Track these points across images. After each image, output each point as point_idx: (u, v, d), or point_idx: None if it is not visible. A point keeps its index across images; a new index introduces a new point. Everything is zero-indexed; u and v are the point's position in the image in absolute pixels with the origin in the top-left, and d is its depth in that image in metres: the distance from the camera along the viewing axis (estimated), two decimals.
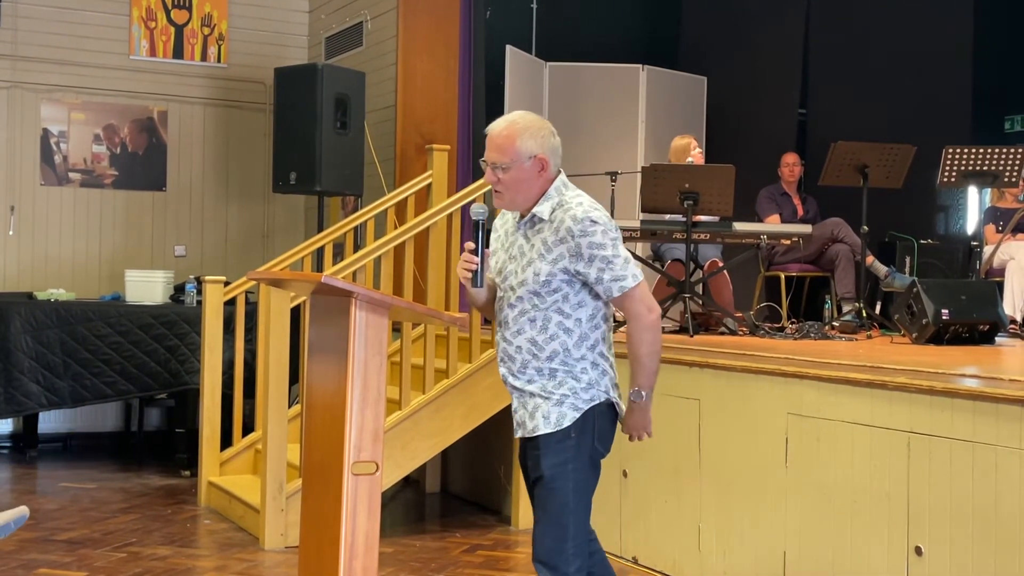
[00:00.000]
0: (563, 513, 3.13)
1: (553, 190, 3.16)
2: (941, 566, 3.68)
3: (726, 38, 9.37)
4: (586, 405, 3.14)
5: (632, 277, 3.09)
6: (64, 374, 6.99)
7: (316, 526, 3.20)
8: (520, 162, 3.12)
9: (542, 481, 3.14)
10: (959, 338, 5.68)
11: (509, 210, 3.24)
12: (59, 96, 8.33)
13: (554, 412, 3.12)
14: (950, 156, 6.70)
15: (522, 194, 3.15)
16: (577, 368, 3.15)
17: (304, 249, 6.54)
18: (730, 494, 4.55)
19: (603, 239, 3.06)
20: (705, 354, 4.86)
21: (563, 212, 3.11)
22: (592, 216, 3.08)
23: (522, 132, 3.14)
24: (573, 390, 3.13)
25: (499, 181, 3.14)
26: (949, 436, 3.67)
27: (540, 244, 3.12)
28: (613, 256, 3.07)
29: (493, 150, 3.14)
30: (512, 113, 3.23)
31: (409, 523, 6.09)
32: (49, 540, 5.36)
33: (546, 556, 3.14)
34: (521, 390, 3.17)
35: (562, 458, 3.12)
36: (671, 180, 6.23)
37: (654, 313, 3.14)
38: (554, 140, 3.20)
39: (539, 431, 3.13)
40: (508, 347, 3.19)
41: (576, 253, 3.07)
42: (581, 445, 3.14)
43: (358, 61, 8.01)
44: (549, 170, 3.17)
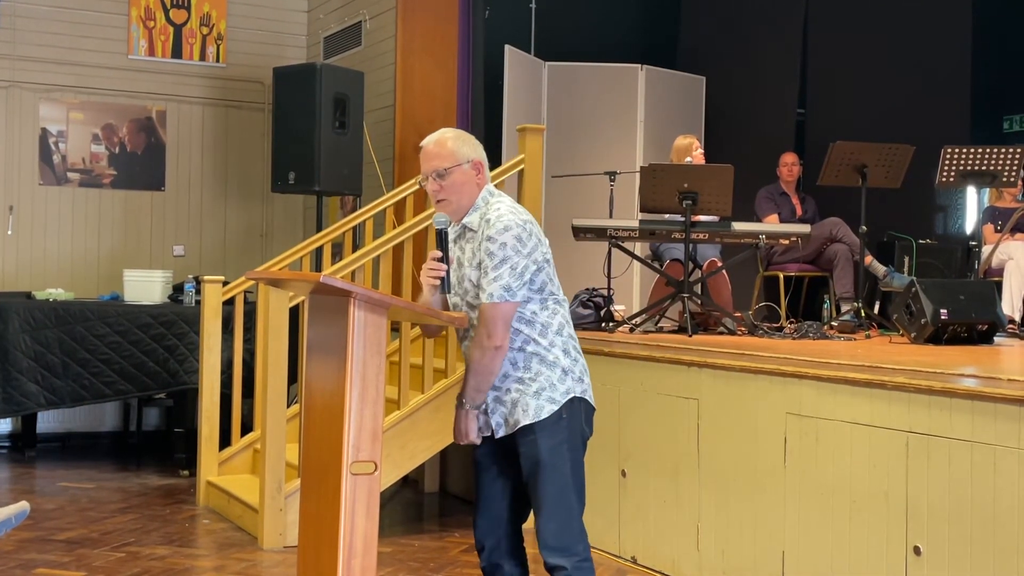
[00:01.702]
0: (565, 493, 3.18)
1: (480, 199, 3.25)
2: (940, 566, 3.68)
3: (725, 38, 9.37)
4: (563, 398, 3.20)
5: (494, 296, 3.12)
6: (63, 374, 6.99)
7: (315, 526, 3.20)
8: (459, 164, 3.21)
9: (540, 465, 3.17)
10: (957, 338, 5.68)
11: (455, 219, 3.29)
12: (58, 96, 8.33)
13: (532, 404, 3.17)
14: (949, 156, 6.71)
15: (466, 197, 3.23)
16: (551, 355, 3.20)
17: (303, 249, 6.54)
18: (729, 494, 4.56)
19: (497, 250, 3.12)
20: (704, 354, 4.86)
21: (484, 221, 3.19)
22: (506, 222, 3.14)
23: (455, 138, 3.26)
24: (549, 382, 3.19)
25: (441, 188, 3.22)
26: (948, 436, 3.67)
27: (470, 252, 3.22)
28: (492, 267, 3.12)
29: (431, 159, 3.24)
30: (438, 130, 3.34)
31: (408, 523, 6.09)
32: (47, 540, 5.35)
33: (555, 540, 3.18)
34: (498, 387, 3.22)
35: (558, 439, 3.18)
36: (670, 180, 6.22)
37: (493, 341, 3.13)
38: (482, 150, 3.29)
39: (521, 423, 3.18)
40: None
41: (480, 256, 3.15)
42: (572, 427, 3.20)
43: (357, 61, 8.01)
44: (484, 176, 3.26)
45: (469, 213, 3.24)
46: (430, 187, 3.24)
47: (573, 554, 3.17)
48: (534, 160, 5.98)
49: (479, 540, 3.35)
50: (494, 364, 3.16)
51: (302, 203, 8.91)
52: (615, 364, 5.17)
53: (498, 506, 3.31)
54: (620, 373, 5.13)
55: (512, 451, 3.25)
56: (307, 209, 8.79)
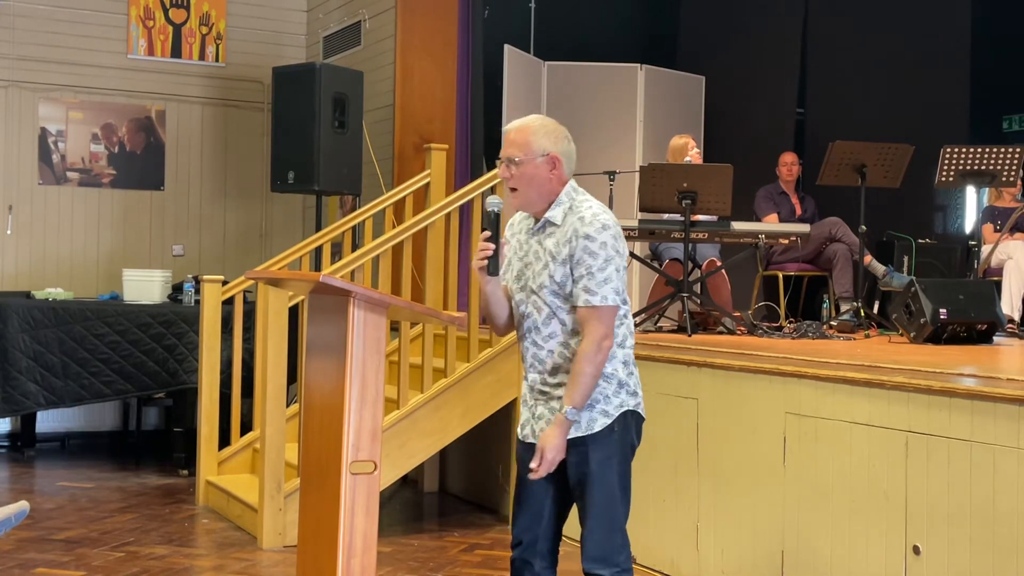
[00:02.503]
0: (612, 505, 3.17)
1: (564, 195, 3.18)
2: (939, 565, 3.68)
3: (724, 38, 9.38)
4: (616, 411, 3.15)
5: (603, 298, 3.06)
6: (62, 373, 6.98)
7: (314, 525, 3.20)
8: (533, 157, 3.15)
9: (589, 477, 3.15)
10: (957, 337, 5.68)
11: (523, 210, 3.25)
12: (57, 95, 8.33)
13: (584, 416, 3.12)
14: (948, 156, 6.71)
15: (535, 191, 3.16)
16: (608, 368, 3.14)
17: (302, 248, 6.54)
18: (728, 493, 4.56)
19: (599, 250, 3.07)
20: (703, 353, 4.86)
21: (574, 216, 3.13)
22: (603, 220, 3.10)
23: (537, 130, 3.21)
24: (603, 394, 3.14)
25: (512, 176, 3.17)
26: (947, 435, 3.67)
27: (552, 247, 3.14)
28: (599, 269, 3.06)
29: (508, 145, 3.20)
30: (530, 115, 3.30)
31: (407, 522, 6.09)
32: (47, 539, 5.35)
33: (597, 549, 3.18)
34: (551, 395, 3.17)
35: (608, 453, 3.15)
36: (669, 179, 6.23)
37: (609, 342, 3.09)
38: (569, 145, 3.24)
39: (571, 435, 3.12)
40: (539, 352, 3.19)
41: (572, 254, 3.08)
42: (623, 440, 3.18)
43: (356, 60, 8.01)
44: (561, 171, 3.18)
45: (552, 208, 3.17)
46: (502, 172, 3.21)
47: (613, 564, 3.17)
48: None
49: (516, 535, 3.34)
50: (602, 367, 3.10)
51: (301, 203, 8.91)
52: None
53: (539, 505, 3.28)
54: None
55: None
56: (306, 209, 8.79)
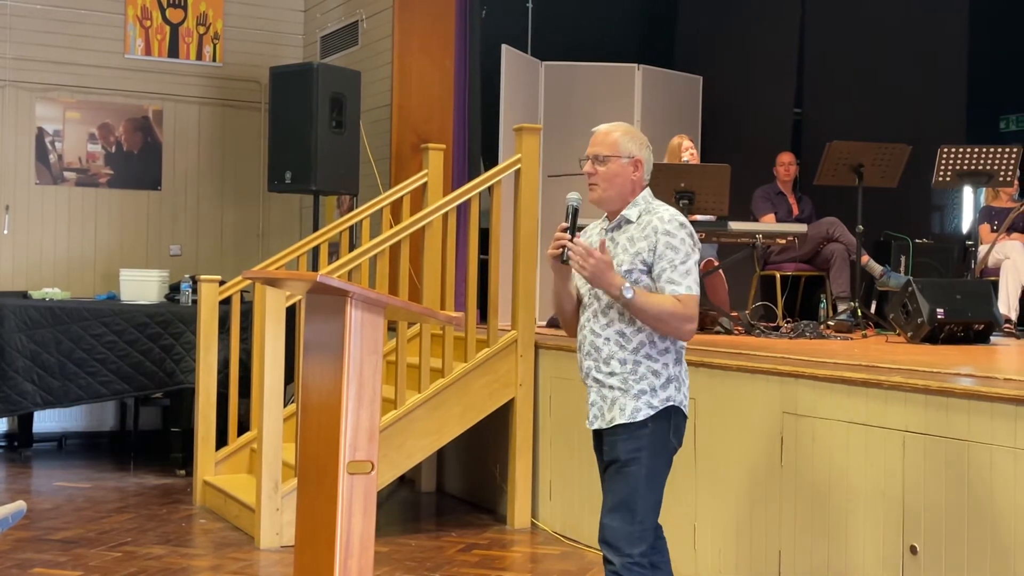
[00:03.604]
0: (633, 498, 3.25)
1: (641, 198, 3.38)
2: (936, 565, 3.69)
3: (721, 37, 9.38)
4: (661, 405, 3.27)
5: (686, 287, 3.22)
6: (59, 373, 6.98)
7: (311, 525, 3.20)
8: (619, 158, 3.35)
9: (616, 465, 3.27)
10: (954, 337, 5.68)
11: (599, 206, 3.40)
12: (54, 95, 8.33)
13: (630, 405, 3.26)
14: (945, 156, 6.71)
15: (615, 190, 3.35)
16: (659, 363, 3.28)
17: (299, 248, 6.54)
18: (725, 493, 4.56)
19: (680, 245, 3.25)
20: (701, 353, 4.86)
21: (651, 215, 3.32)
22: (680, 220, 3.30)
23: (625, 133, 3.42)
24: (652, 387, 3.27)
25: (596, 173, 3.35)
26: (944, 435, 3.67)
27: (625, 241, 3.32)
28: (680, 262, 3.23)
29: (595, 144, 3.39)
30: (617, 121, 3.51)
31: (405, 522, 6.09)
32: (44, 539, 5.35)
33: (612, 537, 3.26)
34: (602, 383, 3.31)
35: (638, 444, 3.25)
36: (667, 179, 6.23)
37: (691, 324, 3.24)
38: (649, 153, 3.45)
39: (615, 422, 3.27)
40: (596, 339, 3.32)
41: (653, 248, 3.25)
42: (657, 435, 3.27)
43: (353, 60, 8.01)
44: (642, 175, 3.39)
45: (629, 207, 3.35)
46: (586, 168, 3.37)
47: (626, 555, 3.25)
48: (531, 160, 5.97)
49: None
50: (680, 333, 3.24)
51: (299, 202, 8.90)
52: None
53: None
54: None
55: None
56: (304, 208, 8.78)
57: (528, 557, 5.31)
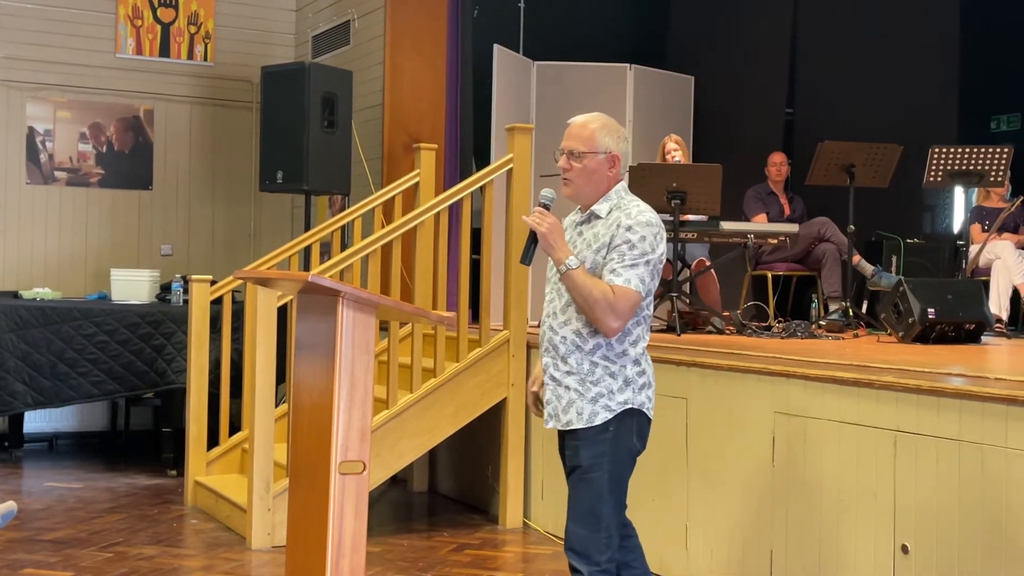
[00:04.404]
0: (598, 504, 3.21)
1: (614, 193, 3.29)
2: (927, 564, 3.69)
3: (713, 37, 9.38)
4: (619, 408, 3.22)
5: (627, 281, 3.14)
6: (50, 374, 6.95)
7: (303, 526, 3.20)
8: (595, 153, 3.24)
9: (579, 471, 3.23)
10: (945, 337, 5.70)
11: (575, 201, 3.33)
12: (45, 94, 8.30)
13: (587, 409, 3.20)
14: (936, 156, 6.73)
15: (590, 186, 3.26)
16: (616, 365, 3.22)
17: (291, 248, 6.53)
18: (717, 493, 4.56)
19: (638, 242, 3.16)
20: (692, 353, 4.86)
21: (620, 212, 3.23)
22: (647, 218, 3.21)
23: (602, 128, 3.28)
24: (609, 389, 3.21)
25: (571, 168, 3.26)
26: (935, 435, 3.68)
27: (591, 237, 3.25)
28: (631, 258, 3.15)
29: (571, 138, 3.27)
30: (593, 112, 3.37)
31: (396, 522, 6.08)
32: (35, 540, 5.33)
33: (579, 545, 3.22)
34: (559, 382, 3.25)
35: (600, 450, 3.21)
36: (658, 179, 6.23)
37: (618, 322, 3.15)
38: (627, 146, 3.34)
39: (572, 425, 3.23)
40: (554, 336, 3.27)
41: (611, 241, 3.18)
42: (619, 440, 3.23)
43: (345, 60, 8.00)
44: (618, 171, 3.29)
45: (600, 202, 3.27)
46: (561, 163, 3.29)
47: (594, 563, 3.21)
48: (522, 159, 5.97)
49: None
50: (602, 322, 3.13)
51: (290, 202, 8.89)
52: None
53: None
54: None
55: None
56: (295, 208, 8.77)
57: (520, 557, 5.31)
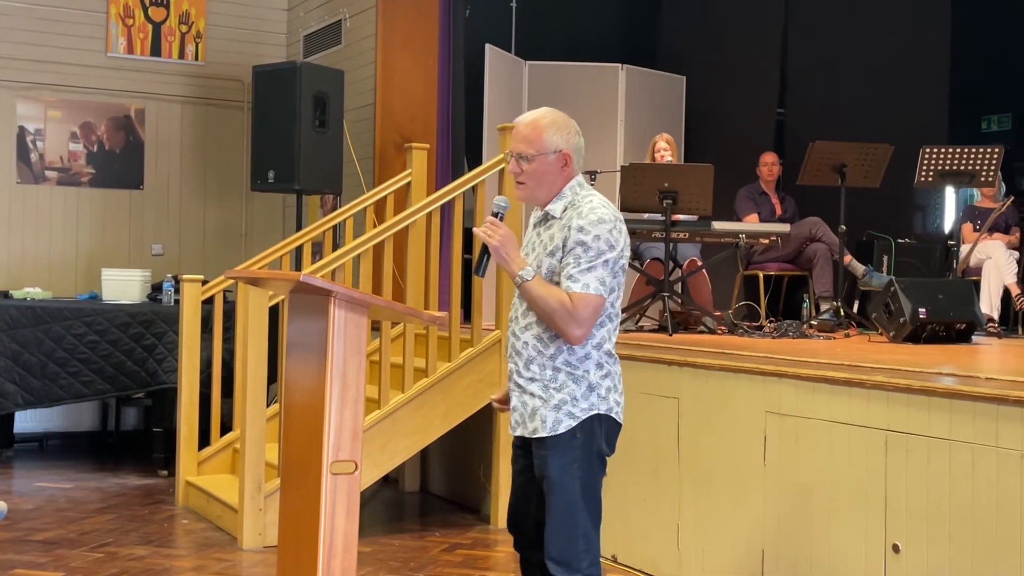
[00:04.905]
0: (573, 512, 3.16)
1: (567, 189, 3.20)
2: (918, 563, 3.70)
3: (705, 38, 9.39)
4: (584, 415, 3.15)
5: (585, 286, 3.06)
6: (40, 374, 6.94)
7: (294, 526, 3.19)
8: (545, 155, 3.15)
9: (549, 482, 3.16)
10: (936, 337, 5.71)
11: (529, 203, 3.28)
12: (35, 94, 8.28)
13: (550, 417, 3.14)
14: (927, 156, 6.74)
15: (544, 188, 3.19)
16: (579, 370, 3.15)
17: (283, 248, 6.52)
18: (709, 492, 4.56)
19: (592, 243, 3.08)
20: (684, 353, 4.87)
21: (573, 210, 3.15)
22: (601, 215, 3.11)
23: (549, 126, 3.17)
24: (572, 396, 3.14)
25: (522, 172, 3.17)
26: (926, 434, 3.69)
27: (548, 240, 3.17)
28: (587, 261, 3.07)
29: (519, 141, 3.18)
30: (540, 108, 3.26)
31: (388, 522, 6.08)
32: (25, 540, 5.32)
33: (558, 554, 3.17)
34: (523, 388, 3.19)
35: (569, 458, 3.15)
36: (650, 179, 6.24)
37: (581, 329, 3.08)
38: (579, 139, 3.23)
39: (538, 434, 3.16)
40: (516, 342, 3.22)
41: (564, 244, 3.10)
42: (588, 445, 3.17)
43: (337, 59, 7.99)
44: (571, 167, 3.20)
45: (554, 201, 3.19)
46: (511, 167, 3.20)
47: (575, 570, 3.16)
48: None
49: (510, 529, 3.39)
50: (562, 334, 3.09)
51: (282, 202, 8.88)
52: None
53: (525, 500, 3.31)
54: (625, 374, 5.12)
55: None
56: (287, 208, 8.76)
57: (511, 557, 5.28)
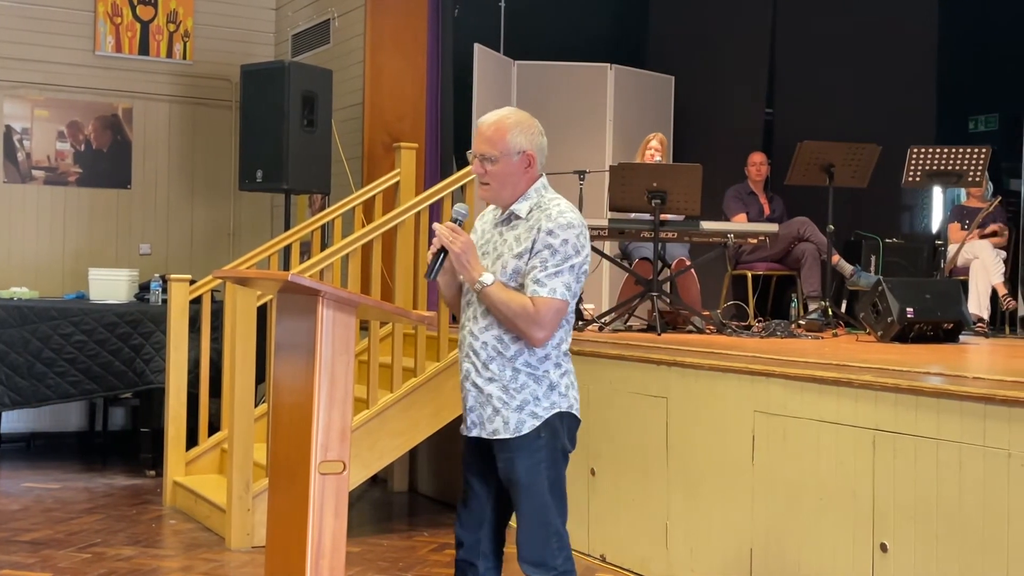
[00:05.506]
0: (544, 512, 3.15)
1: (533, 191, 3.19)
2: (906, 562, 3.71)
3: (693, 38, 9.41)
4: (546, 413, 3.15)
5: (552, 291, 3.06)
6: (27, 373, 6.91)
7: (283, 526, 3.19)
8: (509, 156, 3.13)
9: (517, 484, 3.15)
10: (923, 336, 5.72)
11: (493, 203, 3.25)
12: (22, 92, 8.25)
13: (513, 418, 3.13)
14: (915, 156, 6.76)
15: (508, 189, 3.17)
16: (539, 370, 3.14)
17: (271, 247, 6.50)
18: (697, 492, 4.57)
19: (560, 247, 3.07)
20: (673, 352, 4.87)
21: (540, 212, 3.14)
22: (569, 219, 3.10)
23: (513, 127, 3.15)
24: (534, 395, 3.13)
25: (486, 173, 3.15)
26: (914, 434, 3.70)
27: (513, 240, 3.15)
28: (553, 265, 3.07)
29: (483, 142, 3.15)
30: (503, 108, 3.25)
31: (376, 522, 6.08)
32: (12, 541, 5.30)
33: (533, 554, 3.16)
34: (481, 389, 3.16)
35: (535, 459, 3.14)
36: (639, 179, 6.24)
37: (543, 332, 3.08)
38: (542, 139, 3.22)
39: (499, 435, 3.14)
40: (475, 342, 3.18)
41: (532, 247, 3.09)
42: (552, 445, 3.16)
43: (325, 59, 7.98)
44: (535, 168, 3.19)
45: (519, 201, 3.17)
46: (475, 168, 3.18)
47: (551, 568, 3.15)
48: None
49: (458, 536, 3.31)
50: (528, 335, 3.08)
51: (270, 201, 8.86)
52: (584, 363, 5.17)
53: (480, 505, 3.27)
54: (589, 372, 5.13)
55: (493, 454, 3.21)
56: (275, 207, 8.74)
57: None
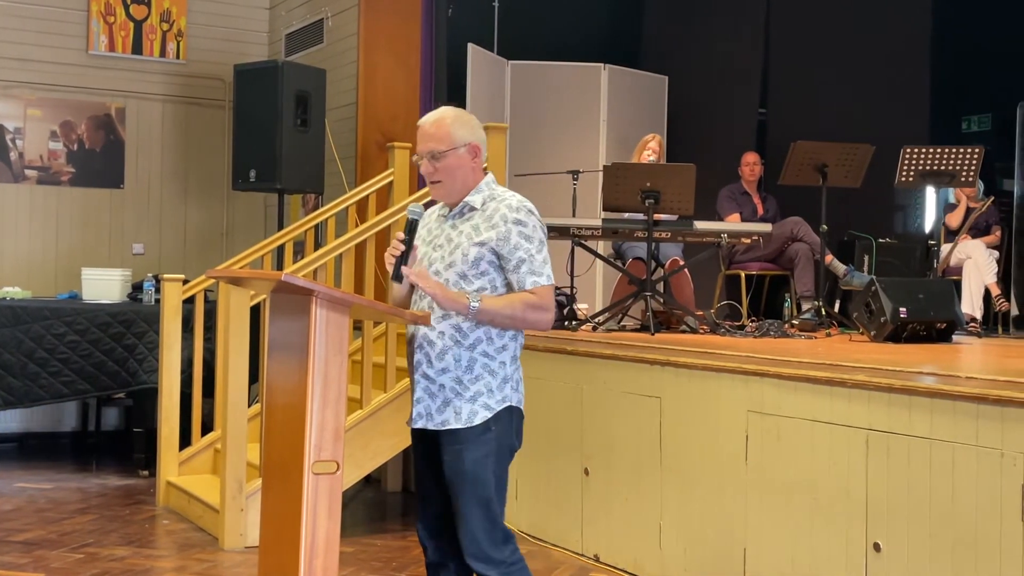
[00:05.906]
0: (489, 506, 3.17)
1: (484, 184, 3.25)
2: (899, 562, 3.71)
3: (687, 38, 9.42)
4: (498, 406, 3.17)
5: (547, 277, 3.16)
6: (20, 373, 6.90)
7: (276, 526, 3.18)
8: (455, 148, 3.18)
9: (463, 475, 3.14)
10: (917, 336, 5.73)
11: (446, 201, 3.27)
12: (15, 92, 8.23)
13: (465, 409, 3.14)
14: (908, 156, 6.77)
15: (459, 182, 3.21)
16: (496, 361, 3.18)
17: (264, 247, 6.50)
18: (691, 491, 4.57)
19: (533, 233, 3.15)
20: (666, 352, 4.87)
21: (497, 202, 3.20)
22: (529, 206, 3.20)
23: (454, 121, 3.22)
24: (488, 387, 3.16)
25: (436, 171, 3.20)
26: (907, 433, 3.70)
27: (470, 230, 3.19)
28: (537, 251, 3.15)
29: (428, 140, 3.20)
30: (439, 108, 3.31)
31: (370, 522, 6.07)
32: (5, 541, 5.29)
33: (479, 550, 3.17)
34: (432, 380, 3.17)
35: (484, 451, 3.15)
36: (632, 179, 6.24)
37: (548, 314, 3.18)
38: (482, 132, 3.29)
39: (449, 425, 3.15)
40: (430, 332, 3.17)
41: (505, 238, 3.13)
42: (501, 439, 3.18)
43: (319, 58, 7.98)
44: (481, 159, 3.25)
45: (472, 194, 3.21)
46: (424, 168, 3.22)
47: (500, 562, 3.16)
48: (497, 159, 5.98)
49: (421, 540, 3.35)
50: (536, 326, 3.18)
51: (263, 201, 8.85)
52: (578, 363, 5.18)
53: (438, 505, 3.27)
54: (583, 372, 5.14)
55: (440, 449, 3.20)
56: (268, 207, 8.74)
57: None
